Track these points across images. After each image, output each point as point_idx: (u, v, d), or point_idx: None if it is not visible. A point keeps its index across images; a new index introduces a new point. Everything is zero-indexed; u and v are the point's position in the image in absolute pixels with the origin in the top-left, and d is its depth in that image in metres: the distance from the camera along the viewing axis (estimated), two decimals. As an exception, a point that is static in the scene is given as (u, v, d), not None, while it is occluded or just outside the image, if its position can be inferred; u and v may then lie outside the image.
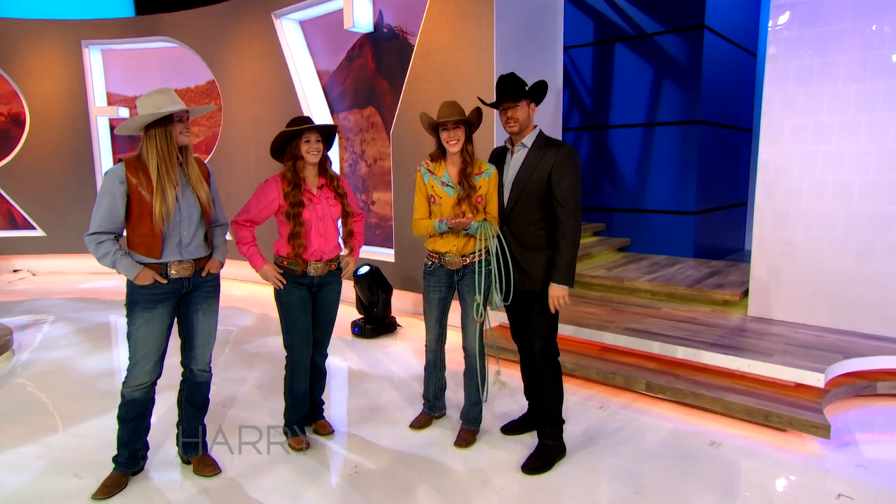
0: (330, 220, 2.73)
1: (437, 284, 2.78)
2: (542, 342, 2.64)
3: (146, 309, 2.33)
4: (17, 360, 4.28)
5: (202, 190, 2.41)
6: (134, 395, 2.39)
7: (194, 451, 2.62)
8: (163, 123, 2.27)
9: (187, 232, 2.37)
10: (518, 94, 2.53)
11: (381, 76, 5.46)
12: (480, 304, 2.68)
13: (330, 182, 2.76)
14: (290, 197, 2.61)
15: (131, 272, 2.29)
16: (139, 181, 2.26)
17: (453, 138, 2.61)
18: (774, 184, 4.02)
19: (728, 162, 6.62)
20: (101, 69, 7.66)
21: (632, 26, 6.21)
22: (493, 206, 2.68)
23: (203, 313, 2.48)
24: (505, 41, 4.36)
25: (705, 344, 3.54)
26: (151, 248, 2.30)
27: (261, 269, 2.67)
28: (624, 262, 5.70)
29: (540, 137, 2.61)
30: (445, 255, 2.72)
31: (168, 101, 2.28)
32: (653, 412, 3.22)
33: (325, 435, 2.96)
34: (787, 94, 3.90)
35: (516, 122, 2.56)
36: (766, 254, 4.09)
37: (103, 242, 2.28)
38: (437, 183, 2.70)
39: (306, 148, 2.62)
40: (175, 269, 2.36)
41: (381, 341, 4.64)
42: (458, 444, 2.84)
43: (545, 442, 2.70)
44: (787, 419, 2.85)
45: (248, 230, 2.70)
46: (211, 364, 2.62)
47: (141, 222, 2.28)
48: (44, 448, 2.90)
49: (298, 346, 2.75)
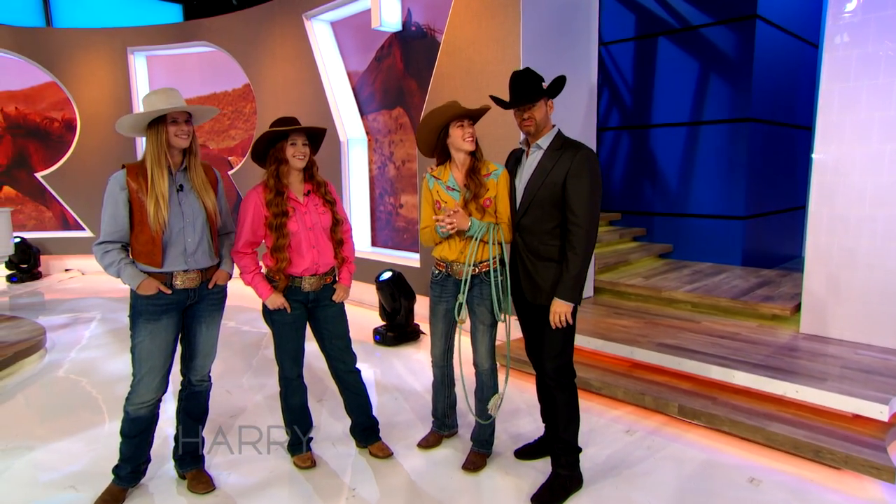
0: (321, 230, 2.54)
1: (444, 295, 2.60)
2: (554, 362, 2.40)
3: (150, 321, 2.24)
4: (49, 359, 4.38)
5: (208, 196, 2.31)
6: (139, 412, 2.32)
7: (190, 465, 2.53)
8: (156, 124, 2.18)
9: (192, 239, 2.27)
10: (535, 93, 2.30)
11: (410, 76, 5.32)
12: (500, 307, 2.49)
13: (317, 188, 2.57)
14: (273, 206, 2.42)
15: (134, 282, 2.21)
16: (139, 186, 2.18)
17: (469, 135, 2.43)
18: (832, 187, 3.61)
19: (783, 163, 6.12)
20: (145, 75, 7.89)
21: (676, 19, 5.83)
22: (503, 210, 2.47)
23: (206, 326, 2.40)
24: (533, 36, 4.12)
25: (748, 364, 3.20)
26: (152, 255, 2.22)
27: (268, 299, 2.49)
28: (664, 270, 5.33)
29: (558, 138, 2.37)
30: (453, 263, 2.54)
31: (164, 102, 2.19)
32: (685, 439, 2.92)
33: (383, 458, 2.76)
34: (849, 86, 3.50)
35: (533, 121, 2.34)
36: (822, 264, 3.68)
37: (110, 251, 2.21)
38: (441, 188, 2.53)
39: (292, 151, 2.44)
40: (180, 280, 2.28)
41: (403, 350, 4.49)
42: (465, 468, 2.64)
43: (559, 472, 2.46)
44: (842, 457, 2.50)
45: (249, 257, 2.51)
46: (210, 373, 2.53)
47: (142, 229, 2.20)
48: (44, 455, 2.89)
49: (288, 364, 2.61)
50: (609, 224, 6.52)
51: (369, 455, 2.80)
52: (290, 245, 2.46)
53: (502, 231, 2.47)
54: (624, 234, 6.17)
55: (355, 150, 5.98)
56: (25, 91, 7.91)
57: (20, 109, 7.90)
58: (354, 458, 2.80)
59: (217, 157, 7.73)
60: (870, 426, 2.72)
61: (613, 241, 6.03)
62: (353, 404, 2.79)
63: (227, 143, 7.66)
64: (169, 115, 2.19)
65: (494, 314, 2.51)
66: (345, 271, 2.67)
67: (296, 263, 2.49)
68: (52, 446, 2.96)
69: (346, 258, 2.66)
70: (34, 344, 4.32)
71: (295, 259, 2.49)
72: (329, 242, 2.58)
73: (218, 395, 3.58)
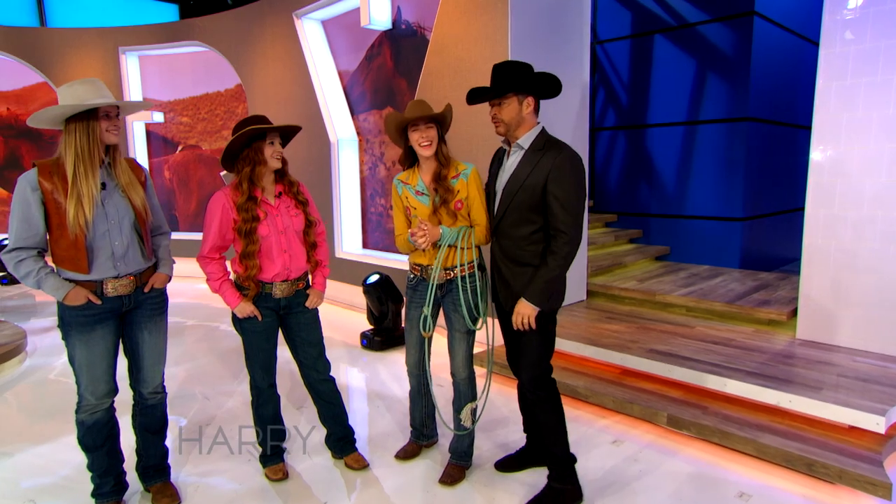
0: (293, 233, 2.42)
1: (419, 301, 2.49)
2: (529, 372, 2.28)
3: (83, 332, 2.09)
4: (29, 364, 4.30)
5: (135, 194, 2.14)
6: (95, 417, 2.20)
7: (154, 478, 2.42)
8: (85, 118, 2.00)
9: (119, 242, 2.11)
10: (499, 87, 2.14)
11: (400, 75, 5.23)
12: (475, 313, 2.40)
13: (289, 188, 2.45)
14: (243, 210, 2.29)
15: (59, 293, 2.04)
16: (54, 186, 2.00)
17: (425, 139, 2.31)
18: (829, 188, 3.49)
19: (782, 163, 5.99)
20: (137, 75, 7.81)
21: (672, 16, 5.71)
22: (477, 212, 2.38)
23: (149, 332, 2.25)
24: (522, 33, 4.02)
25: (741, 372, 3.08)
26: (77, 261, 2.05)
27: (236, 308, 2.37)
28: (660, 273, 5.22)
29: (540, 138, 2.22)
30: (427, 268, 2.43)
31: (93, 93, 2.02)
32: (673, 450, 2.81)
33: (358, 469, 2.65)
34: (846, 84, 3.38)
35: (500, 122, 2.20)
36: (819, 268, 3.57)
37: (24, 260, 2.02)
38: (410, 193, 2.43)
39: (270, 151, 2.31)
40: (112, 287, 2.12)
41: (390, 354, 4.39)
42: (442, 482, 2.53)
43: (552, 485, 2.34)
44: (836, 471, 2.38)
45: (216, 263, 2.38)
46: (164, 384, 2.40)
47: (62, 233, 2.02)
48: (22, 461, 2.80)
49: (259, 373, 2.49)
50: (605, 226, 6.40)
51: (344, 467, 2.69)
52: (261, 250, 2.34)
53: (475, 234, 2.37)
54: (620, 235, 6.05)
55: (346, 151, 5.89)
56: (17, 91, 7.85)
57: (12, 110, 7.84)
58: (329, 470, 2.70)
59: (210, 157, 7.65)
60: (866, 438, 2.60)
61: (609, 243, 5.91)
62: (327, 414, 2.68)
63: (219, 143, 7.58)
64: (101, 108, 2.03)
65: (467, 323, 2.40)
66: (318, 275, 2.56)
67: (266, 269, 2.38)
68: (24, 454, 2.87)
69: (320, 262, 2.55)
70: (13, 348, 4.24)
71: (265, 264, 2.37)
72: (301, 246, 2.47)
73: (195, 401, 3.49)
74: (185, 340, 4.85)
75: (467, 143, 4.30)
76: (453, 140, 4.38)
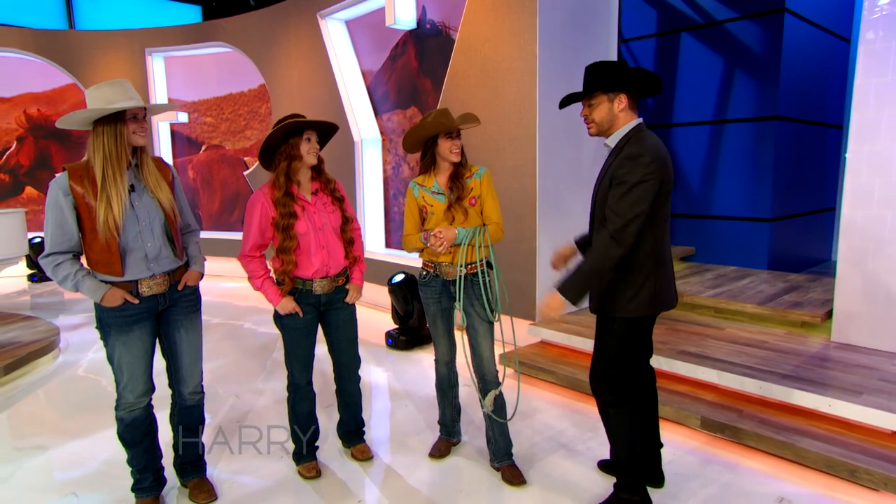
0: (331, 230, 2.46)
1: (434, 295, 2.56)
2: (597, 374, 2.24)
3: (121, 333, 2.11)
4: (62, 360, 4.38)
5: (164, 195, 2.15)
6: (133, 414, 2.23)
7: (191, 474, 2.45)
8: (112, 121, 2.00)
9: (152, 244, 2.12)
10: (587, 87, 2.10)
11: (424, 74, 5.23)
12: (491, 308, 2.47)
13: (325, 186, 2.49)
14: (280, 205, 2.33)
15: (96, 294, 2.05)
16: (85, 190, 2.00)
17: (457, 147, 2.46)
18: (867, 187, 3.41)
19: (812, 162, 5.88)
20: (163, 75, 7.93)
21: (700, 14, 5.63)
22: (490, 209, 2.50)
23: (185, 330, 2.28)
24: (550, 33, 4.00)
25: (776, 375, 3.02)
26: (110, 264, 2.05)
27: (278, 305, 2.41)
28: (686, 274, 5.15)
29: (626, 136, 2.10)
30: (441, 264, 2.51)
31: (121, 95, 2.01)
32: (708, 454, 2.76)
33: (363, 460, 2.73)
34: (886, 81, 3.30)
35: (592, 123, 2.16)
36: (856, 269, 3.48)
37: (61, 264, 2.03)
38: (427, 193, 2.52)
39: (307, 147, 2.35)
40: (147, 286, 2.14)
41: (415, 354, 4.39)
42: (511, 482, 2.51)
43: (619, 495, 2.27)
44: (881, 478, 2.32)
45: (257, 262, 2.44)
46: (203, 383, 2.43)
47: (95, 236, 2.03)
48: (57, 456, 2.86)
49: (298, 369, 2.53)
50: (629, 226, 6.33)
51: (351, 457, 2.77)
52: (299, 247, 2.38)
53: (488, 233, 2.48)
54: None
55: (369, 151, 5.91)
56: (47, 93, 8.01)
57: (42, 111, 8.01)
58: (362, 468, 2.70)
59: (233, 157, 7.73)
60: (910, 444, 2.53)
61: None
62: (346, 403, 2.74)
63: (242, 143, 7.66)
64: (129, 110, 2.03)
65: (487, 314, 2.48)
66: (356, 271, 2.60)
67: (305, 266, 2.42)
68: (61, 448, 2.93)
69: (358, 257, 2.59)
70: (48, 344, 4.33)
71: (304, 261, 2.41)
72: (339, 242, 2.50)
73: (227, 399, 3.53)
74: (211, 339, 4.90)
75: (494, 143, 4.28)
76: (480, 141, 4.39)
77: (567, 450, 2.83)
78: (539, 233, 4.15)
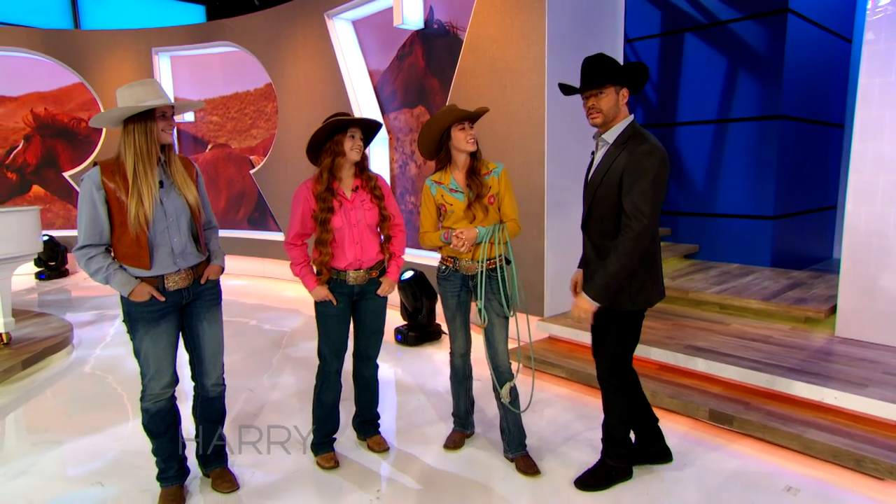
0: (365, 226, 2.54)
1: (453, 290, 2.62)
2: (604, 362, 2.37)
3: (149, 327, 2.18)
4: (76, 356, 4.43)
5: (190, 192, 2.22)
6: (159, 405, 2.30)
7: (214, 464, 2.52)
8: (143, 119, 2.06)
9: (178, 239, 2.18)
10: (601, 78, 2.16)
11: (431, 74, 5.29)
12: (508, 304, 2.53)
13: (366, 183, 2.56)
14: (321, 200, 2.45)
15: (126, 288, 2.11)
16: (117, 185, 2.06)
17: (471, 136, 2.49)
18: (871, 185, 3.48)
19: (814, 161, 5.95)
20: (169, 75, 7.98)
21: (704, 14, 5.70)
22: (507, 206, 2.55)
23: (208, 323, 2.35)
24: (558, 33, 4.06)
25: (782, 368, 3.09)
26: (139, 258, 2.12)
27: (313, 291, 2.53)
28: (690, 271, 5.22)
29: (625, 132, 2.20)
30: (460, 260, 2.58)
31: (150, 94, 2.07)
32: (716, 445, 2.83)
33: (379, 452, 2.80)
34: (890, 80, 3.37)
35: (599, 112, 2.21)
36: (860, 265, 3.55)
37: (94, 257, 2.10)
38: (445, 191, 2.56)
39: (350, 144, 2.44)
40: (172, 281, 2.20)
41: (425, 349, 4.45)
42: (526, 473, 2.57)
43: (605, 461, 2.45)
44: (887, 467, 2.39)
45: (299, 249, 2.56)
46: (224, 376, 2.50)
47: (125, 231, 2.09)
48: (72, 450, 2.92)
49: (329, 356, 2.61)
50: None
51: (367, 449, 2.84)
52: (335, 240, 2.50)
53: (507, 229, 2.53)
54: (648, 234, 6.05)
55: (376, 149, 5.96)
56: (54, 92, 8.06)
57: (49, 110, 8.05)
58: (381, 459, 2.77)
59: (239, 156, 7.79)
60: (914, 435, 2.60)
61: (637, 241, 5.91)
62: (362, 396, 2.82)
63: (248, 142, 7.71)
64: (158, 109, 2.08)
65: (504, 309, 2.54)
66: (393, 265, 2.68)
67: (340, 258, 2.53)
68: (79, 441, 2.99)
69: (394, 253, 2.67)
70: (62, 340, 4.39)
71: (339, 254, 2.53)
72: (374, 238, 2.59)
73: (240, 394, 3.59)
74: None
75: (503, 141, 4.34)
76: (490, 138, 4.45)
77: (576, 441, 2.89)
78: (547, 230, 4.21)
